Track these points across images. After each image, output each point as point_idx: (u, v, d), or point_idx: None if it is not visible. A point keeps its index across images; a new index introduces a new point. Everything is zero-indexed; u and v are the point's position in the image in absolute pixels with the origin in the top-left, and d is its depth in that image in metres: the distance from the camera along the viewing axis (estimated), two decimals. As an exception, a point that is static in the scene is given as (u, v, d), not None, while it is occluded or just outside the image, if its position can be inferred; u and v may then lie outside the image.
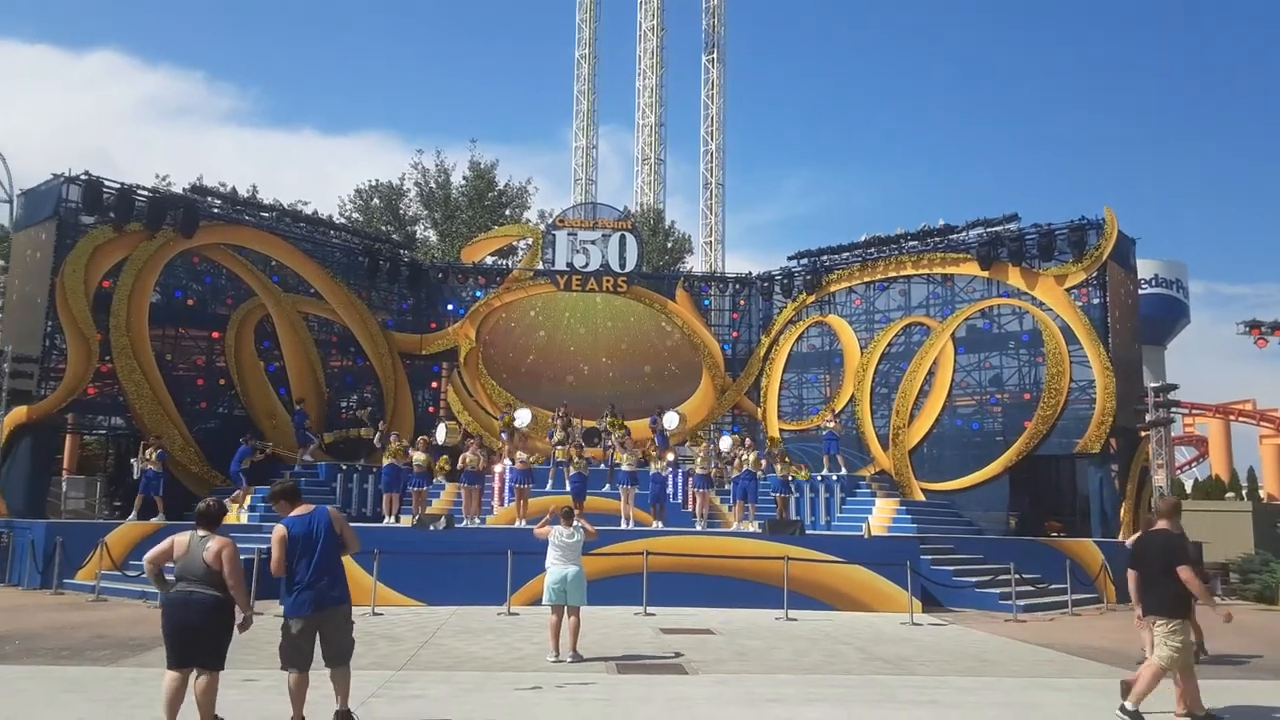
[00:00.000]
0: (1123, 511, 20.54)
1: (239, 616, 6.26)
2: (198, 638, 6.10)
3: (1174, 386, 21.27)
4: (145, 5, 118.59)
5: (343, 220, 34.32)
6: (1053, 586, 16.92)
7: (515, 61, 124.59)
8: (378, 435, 21.02)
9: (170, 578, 6.34)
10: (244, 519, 17.92)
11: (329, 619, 6.46)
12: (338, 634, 6.52)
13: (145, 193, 21.10)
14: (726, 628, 12.86)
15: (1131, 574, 8.14)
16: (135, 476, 18.40)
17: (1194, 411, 44.84)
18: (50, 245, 19.43)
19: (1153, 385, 21.14)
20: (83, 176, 19.80)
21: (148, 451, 18.37)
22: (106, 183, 20.15)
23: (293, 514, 6.62)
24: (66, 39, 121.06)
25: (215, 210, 23.13)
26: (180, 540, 6.32)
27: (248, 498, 18.67)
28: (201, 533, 6.31)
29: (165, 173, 31.80)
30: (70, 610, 13.66)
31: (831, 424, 22.24)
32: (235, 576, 6.17)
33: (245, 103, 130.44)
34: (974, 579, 16.49)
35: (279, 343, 22.90)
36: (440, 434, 19.96)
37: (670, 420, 23.03)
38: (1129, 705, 7.40)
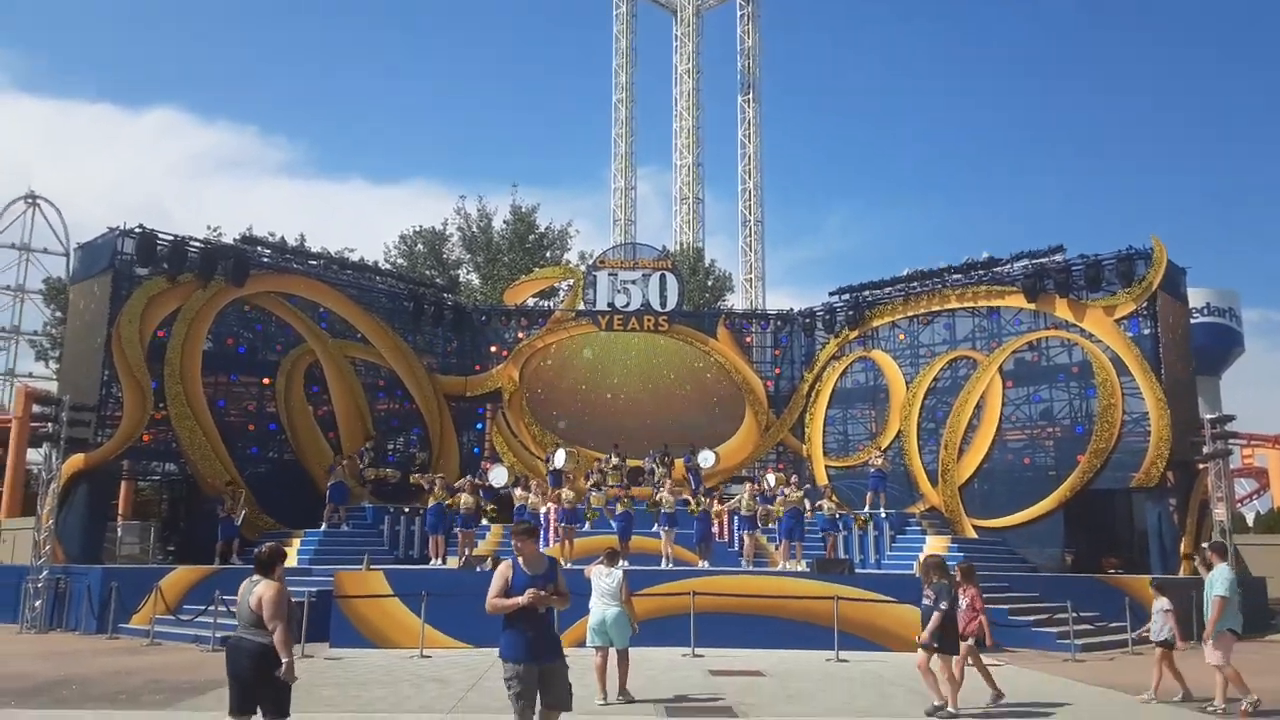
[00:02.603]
0: (1182, 546, 19.96)
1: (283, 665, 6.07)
2: (248, 684, 6.07)
3: (1231, 417, 20.68)
4: (203, 66, 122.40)
5: (388, 266, 34.92)
6: (1112, 625, 16.41)
7: (555, 108, 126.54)
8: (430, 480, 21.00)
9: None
10: (295, 560, 18.09)
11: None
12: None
13: (197, 244, 21.66)
14: (776, 669, 12.67)
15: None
16: (238, 522, 19.37)
17: (1253, 442, 43.48)
18: (106, 297, 19.99)
19: (1209, 416, 20.57)
20: (137, 230, 20.39)
21: (237, 500, 19.49)
22: (160, 235, 20.72)
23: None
24: (126, 98, 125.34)
25: (265, 259, 23.66)
26: (243, 586, 6.35)
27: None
28: (255, 577, 6.29)
29: (218, 224, 32.66)
30: (125, 655, 13.84)
31: (879, 461, 21.98)
32: (273, 622, 6.02)
33: (296, 155, 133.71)
34: (1030, 618, 16.10)
35: (327, 387, 23.25)
36: (500, 476, 20.40)
37: (705, 459, 22.92)
38: None
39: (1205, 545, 10.94)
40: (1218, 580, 9.96)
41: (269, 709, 6.07)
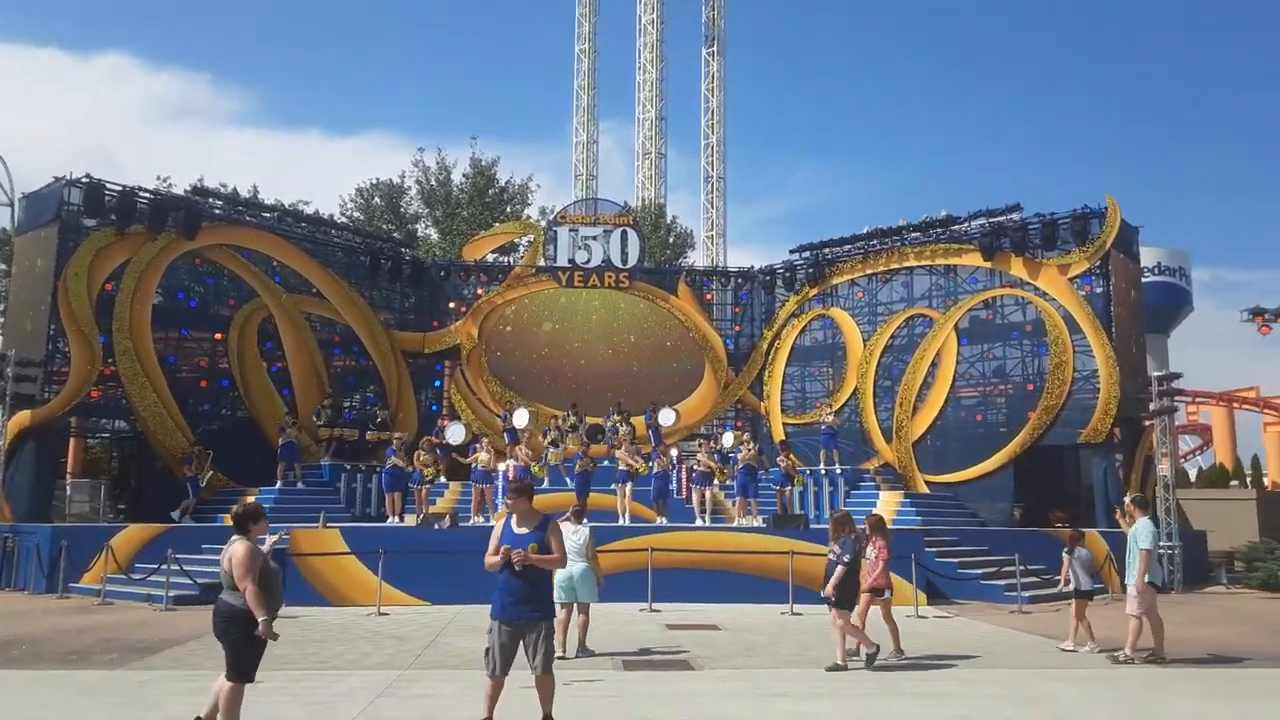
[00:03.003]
0: (1127, 501, 20.47)
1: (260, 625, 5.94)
2: (221, 644, 6.06)
3: (1177, 375, 21.10)
4: (153, 10, 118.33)
5: (344, 219, 34.30)
6: (1058, 578, 16.82)
7: (516, 59, 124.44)
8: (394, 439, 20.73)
9: None
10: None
11: None
12: None
13: (146, 195, 21.09)
14: (732, 623, 12.87)
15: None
16: (203, 484, 19.23)
17: (1198, 400, 44.62)
18: (52, 248, 19.43)
19: (1156, 374, 21.00)
20: (84, 179, 19.79)
21: (203, 461, 19.41)
22: (108, 185, 20.14)
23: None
24: (75, 42, 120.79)
25: (216, 211, 23.12)
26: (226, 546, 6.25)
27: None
28: (235, 537, 6.17)
29: (169, 175, 31.82)
30: (76, 614, 13.69)
31: (830, 419, 22.23)
32: (243, 581, 5.91)
33: (250, 104, 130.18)
34: (979, 571, 16.47)
35: (281, 343, 22.89)
36: (458, 434, 20.24)
37: (666, 417, 23.02)
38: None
39: (1127, 499, 11.21)
40: (1141, 534, 10.29)
41: (228, 669, 6.05)
